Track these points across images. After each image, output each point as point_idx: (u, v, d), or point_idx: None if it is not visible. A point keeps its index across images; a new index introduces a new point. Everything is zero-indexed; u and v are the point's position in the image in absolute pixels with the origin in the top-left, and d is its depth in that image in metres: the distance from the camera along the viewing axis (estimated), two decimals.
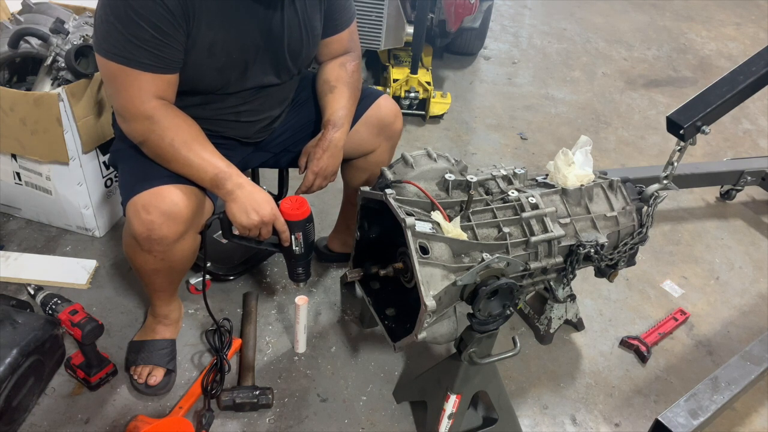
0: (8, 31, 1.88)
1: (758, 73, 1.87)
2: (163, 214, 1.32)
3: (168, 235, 1.34)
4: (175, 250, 1.40)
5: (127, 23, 1.20)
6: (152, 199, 1.32)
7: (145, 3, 1.20)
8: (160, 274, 1.49)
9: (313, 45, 1.53)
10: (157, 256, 1.40)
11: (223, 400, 1.55)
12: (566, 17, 4.60)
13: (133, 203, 1.34)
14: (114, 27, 1.21)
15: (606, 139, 3.13)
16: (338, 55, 1.62)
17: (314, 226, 1.47)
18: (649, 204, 1.67)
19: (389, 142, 1.71)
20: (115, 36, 1.22)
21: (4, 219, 2.10)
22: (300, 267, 1.52)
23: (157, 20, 1.21)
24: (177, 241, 1.37)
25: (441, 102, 3.00)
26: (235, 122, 1.53)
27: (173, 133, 1.31)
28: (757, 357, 1.58)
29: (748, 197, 2.73)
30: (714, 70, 3.99)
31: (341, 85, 1.57)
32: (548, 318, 1.83)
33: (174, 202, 1.32)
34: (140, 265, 1.45)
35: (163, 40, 1.24)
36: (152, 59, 1.25)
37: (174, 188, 1.33)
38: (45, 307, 1.51)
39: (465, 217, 1.39)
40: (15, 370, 1.41)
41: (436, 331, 1.31)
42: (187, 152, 1.32)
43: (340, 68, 1.60)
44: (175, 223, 1.34)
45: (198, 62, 1.33)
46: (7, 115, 1.77)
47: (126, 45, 1.22)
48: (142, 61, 1.24)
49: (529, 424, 1.66)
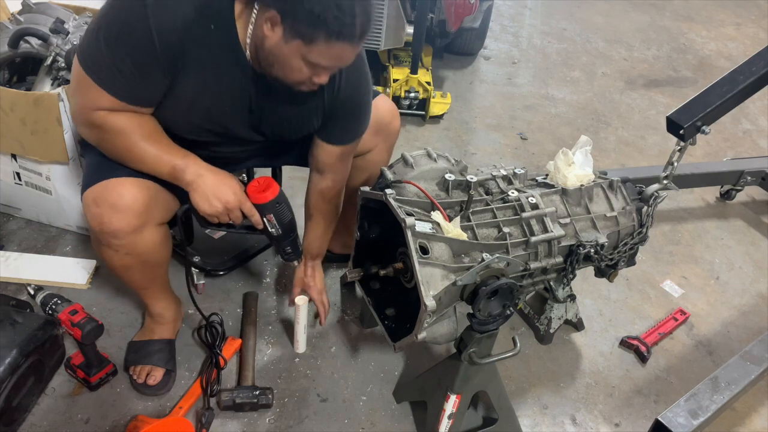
0: (8, 31, 1.88)
1: (758, 73, 1.87)
2: (111, 207, 1.31)
3: (121, 228, 1.33)
4: (137, 244, 1.38)
5: (113, 49, 1.19)
6: (101, 192, 1.32)
7: (136, 37, 1.17)
8: (132, 270, 1.47)
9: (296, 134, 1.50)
10: (120, 251, 1.38)
11: (223, 400, 1.55)
12: (566, 17, 4.59)
13: (85, 196, 1.34)
14: (99, 45, 1.19)
15: (606, 139, 3.13)
16: (321, 169, 1.57)
17: (288, 205, 1.41)
18: (649, 204, 1.67)
19: (387, 141, 1.71)
20: (96, 53, 1.20)
21: (4, 219, 2.10)
22: (286, 246, 1.48)
23: (142, 58, 1.19)
24: (133, 234, 1.35)
25: (441, 102, 3.00)
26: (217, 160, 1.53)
27: (124, 135, 1.28)
28: (757, 357, 1.58)
29: (748, 197, 2.72)
30: (714, 70, 3.99)
31: (318, 214, 1.67)
32: (548, 318, 1.83)
33: (120, 195, 1.31)
34: (108, 261, 1.44)
35: (141, 77, 1.22)
36: (124, 90, 1.23)
37: (124, 180, 1.32)
38: (45, 307, 1.51)
39: (465, 217, 1.39)
40: (15, 370, 1.41)
41: (436, 331, 1.31)
42: (140, 151, 1.29)
43: (318, 196, 1.62)
44: (125, 215, 1.32)
45: (176, 113, 1.32)
46: (7, 115, 1.77)
47: (103, 67, 1.21)
48: (112, 87, 1.22)
49: (529, 424, 1.66)
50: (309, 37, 1.13)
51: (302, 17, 1.11)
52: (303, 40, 1.14)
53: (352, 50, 1.20)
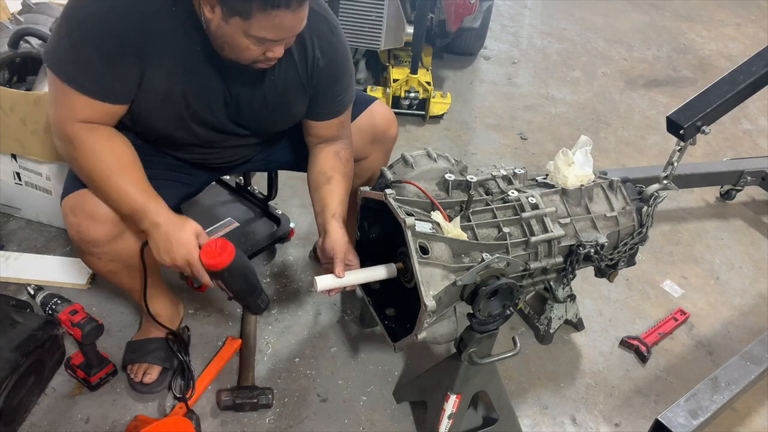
0: (8, 31, 1.88)
1: (758, 73, 1.87)
2: (88, 216, 1.29)
3: (99, 237, 1.31)
4: (119, 251, 1.36)
5: (77, 44, 1.17)
6: (77, 201, 1.30)
7: (98, 29, 1.16)
8: (119, 275, 1.45)
9: (284, 123, 1.48)
10: (103, 258, 1.37)
11: (223, 400, 1.55)
12: (566, 17, 4.59)
13: (64, 204, 1.33)
14: (63, 42, 1.18)
15: (606, 139, 3.13)
16: (328, 140, 1.51)
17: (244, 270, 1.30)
18: (649, 204, 1.67)
19: (384, 148, 1.69)
20: (62, 51, 1.18)
21: (4, 219, 2.10)
22: (245, 304, 1.41)
23: (108, 49, 1.17)
24: (113, 242, 1.33)
25: (441, 102, 3.00)
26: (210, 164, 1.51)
27: (93, 161, 1.24)
28: (757, 357, 1.58)
29: (748, 197, 2.72)
30: (714, 70, 3.99)
31: (337, 175, 1.48)
32: (548, 318, 1.83)
33: (97, 203, 1.28)
34: (93, 267, 1.42)
35: (110, 70, 1.19)
36: (94, 85, 1.20)
37: None
38: (45, 307, 1.51)
39: (465, 217, 1.39)
40: (15, 370, 1.41)
41: (436, 331, 1.31)
42: (105, 184, 1.25)
43: (334, 158, 1.50)
44: (102, 224, 1.30)
45: (151, 107, 1.29)
46: (7, 115, 1.77)
47: (70, 64, 1.18)
48: (83, 84, 1.19)
49: (529, 424, 1.66)
50: (244, 12, 1.10)
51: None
52: (240, 16, 1.11)
53: (294, 17, 1.14)
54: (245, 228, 2.02)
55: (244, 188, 2.14)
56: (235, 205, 2.11)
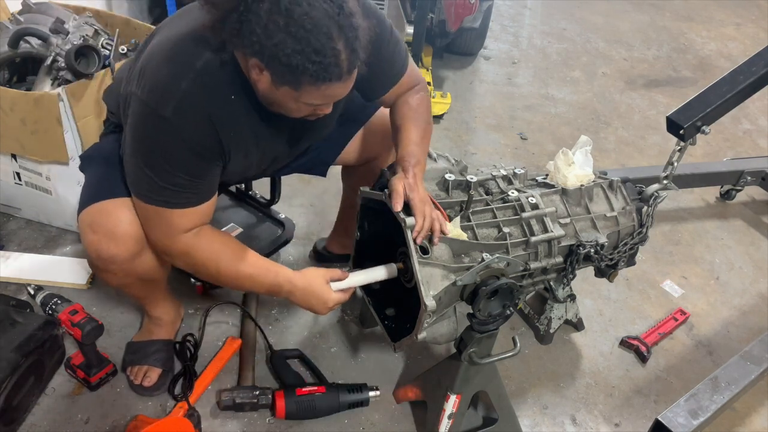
0: (8, 31, 1.88)
1: (758, 73, 1.87)
2: (108, 233, 1.27)
3: (118, 254, 1.29)
4: (136, 268, 1.35)
5: (162, 174, 1.17)
6: (97, 216, 1.28)
7: (178, 154, 1.16)
8: (131, 287, 1.46)
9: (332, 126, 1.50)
10: (118, 274, 1.35)
11: (223, 400, 1.55)
12: (566, 17, 4.60)
13: (81, 219, 1.30)
14: (147, 176, 1.18)
15: (606, 139, 3.13)
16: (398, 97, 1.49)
17: None
18: (649, 204, 1.67)
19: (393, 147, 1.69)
20: (148, 183, 1.19)
21: (4, 219, 2.10)
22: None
23: (193, 167, 1.19)
24: (133, 260, 1.32)
25: (441, 102, 3.00)
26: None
27: (215, 261, 1.29)
28: (757, 357, 1.58)
29: (748, 197, 2.72)
30: (714, 70, 3.99)
31: (409, 122, 1.45)
32: (548, 318, 1.83)
33: (119, 220, 1.26)
34: (106, 281, 1.42)
35: (200, 181, 1.22)
36: (189, 198, 1.22)
37: (122, 203, 1.28)
38: (45, 307, 1.51)
39: (465, 217, 1.39)
40: (15, 370, 1.41)
41: (436, 331, 1.31)
42: (235, 276, 1.32)
43: (403, 105, 1.48)
44: (123, 242, 1.28)
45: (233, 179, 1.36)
46: (7, 115, 1.77)
47: (162, 192, 1.19)
48: (178, 202, 1.21)
49: (529, 424, 1.66)
50: (295, 84, 1.08)
51: (283, 69, 1.06)
52: (290, 86, 1.09)
53: (344, 86, 1.13)
54: (249, 233, 1.98)
55: (245, 193, 2.10)
56: (237, 210, 2.07)
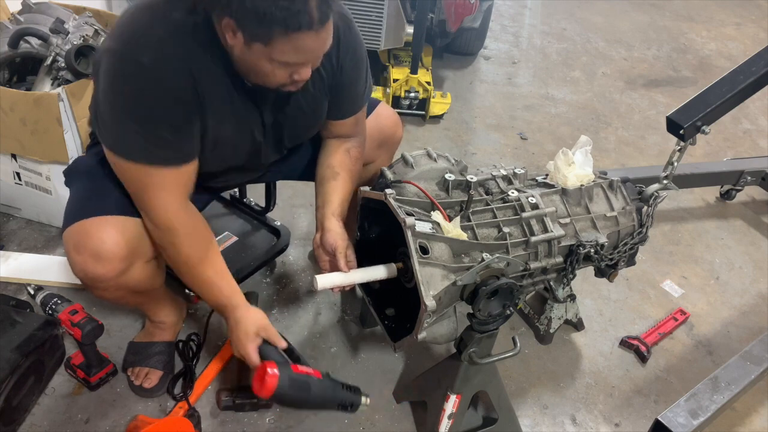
0: (8, 31, 1.88)
1: (758, 73, 1.87)
2: (93, 254, 1.24)
3: (105, 274, 1.26)
4: (127, 282, 1.32)
5: (146, 125, 1.14)
6: (81, 237, 1.25)
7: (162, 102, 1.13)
8: (126, 299, 1.44)
9: (315, 129, 1.47)
10: (109, 290, 1.33)
11: (223, 400, 1.55)
12: (566, 17, 4.60)
13: (65, 239, 1.28)
14: (130, 128, 1.15)
15: (606, 139, 3.13)
16: (342, 136, 1.50)
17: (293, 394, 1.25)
18: (649, 204, 1.67)
19: (389, 151, 1.68)
20: (133, 137, 1.15)
21: (4, 219, 2.10)
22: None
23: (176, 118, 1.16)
24: (119, 277, 1.29)
25: (441, 102, 3.00)
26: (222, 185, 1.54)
27: (189, 246, 1.27)
28: (757, 357, 1.58)
29: (748, 197, 2.72)
30: (714, 70, 3.99)
31: (344, 172, 1.47)
32: (548, 318, 1.83)
33: (101, 240, 1.24)
34: (99, 296, 1.38)
35: (182, 137, 1.19)
36: (173, 153, 1.20)
37: (106, 221, 1.25)
38: (45, 307, 1.51)
39: (465, 217, 1.39)
40: (15, 370, 1.41)
41: (436, 331, 1.31)
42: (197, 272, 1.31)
43: (345, 154, 1.48)
44: (109, 262, 1.25)
45: (202, 153, 1.27)
46: (7, 115, 1.77)
47: (147, 145, 1.16)
48: (164, 157, 1.18)
49: (529, 424, 1.66)
50: (265, 37, 1.04)
51: (251, 19, 1.01)
52: (261, 42, 1.05)
53: (317, 37, 1.07)
54: (244, 241, 1.93)
55: (240, 200, 2.05)
56: (231, 218, 2.02)
